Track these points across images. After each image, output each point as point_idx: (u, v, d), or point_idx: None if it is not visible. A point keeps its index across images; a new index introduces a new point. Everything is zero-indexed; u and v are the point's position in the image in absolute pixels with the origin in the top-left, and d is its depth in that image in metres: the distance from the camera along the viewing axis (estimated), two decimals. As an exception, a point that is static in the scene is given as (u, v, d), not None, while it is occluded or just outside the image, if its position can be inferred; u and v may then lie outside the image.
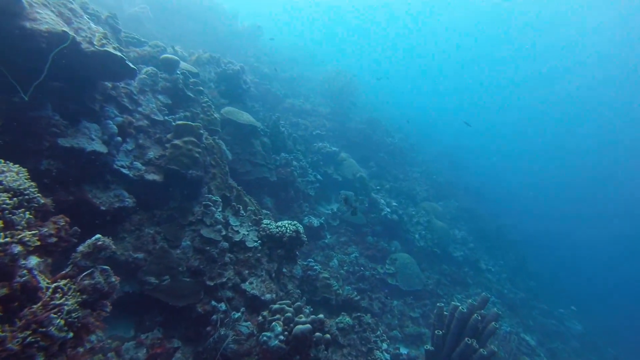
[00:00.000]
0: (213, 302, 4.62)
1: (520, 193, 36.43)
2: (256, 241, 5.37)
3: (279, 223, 5.65)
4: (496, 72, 59.70)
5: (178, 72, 6.15)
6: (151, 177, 4.85)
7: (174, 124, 5.24)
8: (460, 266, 12.84)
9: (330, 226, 10.97)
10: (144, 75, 5.53)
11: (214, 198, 5.14)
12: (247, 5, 30.23)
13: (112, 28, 5.91)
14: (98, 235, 2.56)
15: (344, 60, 29.46)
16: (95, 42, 3.75)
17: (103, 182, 4.50)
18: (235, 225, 5.36)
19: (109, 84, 4.91)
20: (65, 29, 3.43)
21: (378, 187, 13.63)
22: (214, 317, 4.48)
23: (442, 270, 11.97)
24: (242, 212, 5.54)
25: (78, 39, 3.55)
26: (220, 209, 5.28)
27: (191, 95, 6.31)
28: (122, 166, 4.75)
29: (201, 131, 5.21)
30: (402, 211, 12.67)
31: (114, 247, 2.61)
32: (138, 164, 4.92)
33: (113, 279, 2.52)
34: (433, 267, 11.88)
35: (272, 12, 40.19)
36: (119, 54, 3.88)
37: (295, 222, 5.80)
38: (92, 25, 4.05)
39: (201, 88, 6.70)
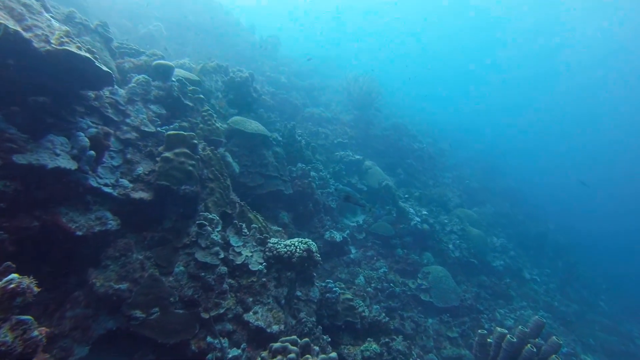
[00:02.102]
0: (209, 338, 3.95)
1: (563, 195, 33.96)
2: (261, 263, 4.69)
3: (288, 241, 4.95)
4: (527, 70, 57.20)
5: (173, 79, 5.65)
6: (138, 195, 4.29)
7: (165, 134, 4.68)
8: (501, 277, 11.68)
9: (356, 240, 10.18)
10: (134, 84, 5.04)
11: (210, 216, 4.51)
12: (263, 18, 30.27)
13: (102, 37, 5.51)
14: (12, 276, 1.94)
15: (365, 65, 28.73)
16: (52, 41, 3.23)
17: (83, 204, 3.97)
18: (237, 246, 4.71)
19: (92, 94, 4.44)
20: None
21: (406, 196, 12.72)
22: (210, 356, 3.81)
23: (481, 283, 10.88)
24: (245, 230, 4.89)
25: (26, 35, 3.03)
26: (219, 228, 4.66)
27: (189, 104, 5.79)
28: (106, 184, 4.22)
29: (195, 141, 4.62)
30: (433, 220, 11.72)
31: (35, 289, 1.98)
32: (125, 181, 4.38)
33: (35, 334, 1.89)
34: (470, 279, 10.81)
35: (288, 22, 40.25)
36: (84, 54, 3.34)
37: (308, 239, 5.09)
38: (55, 23, 3.56)
39: (201, 96, 6.18)
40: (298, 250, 4.79)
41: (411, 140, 17.31)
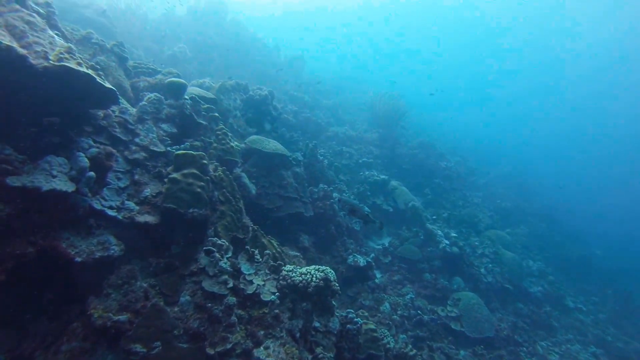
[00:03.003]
0: (214, 378, 3.59)
1: (608, 215, 31.47)
2: (274, 293, 4.31)
3: (304, 269, 4.57)
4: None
5: (186, 97, 5.48)
6: (143, 218, 4.04)
7: (174, 154, 4.46)
8: (540, 304, 10.76)
9: (381, 264, 9.67)
10: (145, 102, 4.89)
11: (219, 242, 4.21)
12: (287, 37, 30.65)
13: (117, 56, 5.45)
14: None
15: (391, 83, 28.31)
16: (51, 57, 3.07)
17: (86, 227, 3.76)
18: (249, 274, 4.36)
19: (101, 113, 4.29)
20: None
21: (434, 217, 12.12)
22: (214, 399, 3.44)
23: (518, 311, 10.05)
24: (258, 257, 4.55)
25: (21, 51, 2.87)
26: (229, 255, 4.34)
27: (203, 122, 5.60)
28: (111, 207, 4.01)
29: (204, 161, 4.38)
30: (463, 242, 11.03)
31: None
32: (131, 204, 4.15)
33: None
34: (506, 306, 10.01)
35: (307, 35, 40.81)
36: (84, 70, 3.17)
37: (325, 268, 4.68)
38: (59, 40, 3.43)
39: (216, 114, 6.00)
40: (314, 279, 4.40)
41: (439, 159, 16.73)
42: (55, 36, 3.50)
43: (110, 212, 3.88)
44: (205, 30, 16.94)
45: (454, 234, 11.17)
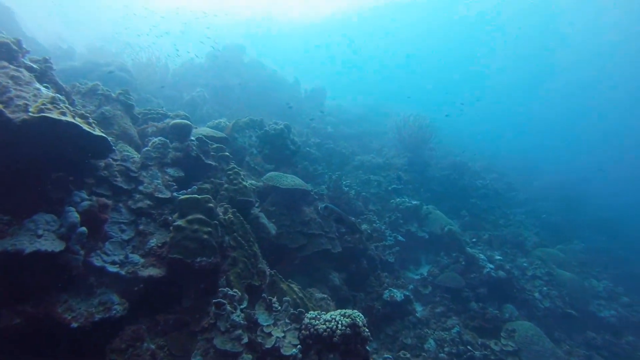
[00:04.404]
0: None
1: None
2: (296, 346, 3.81)
3: (328, 315, 4.06)
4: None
5: (192, 138, 5.28)
6: (147, 272, 3.72)
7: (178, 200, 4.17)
8: (618, 333, 9.17)
9: (421, 295, 8.93)
10: (149, 148, 4.71)
11: (230, 292, 3.80)
12: (306, 73, 31.07)
13: (123, 104, 5.39)
14: None
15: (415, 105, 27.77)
16: (31, 110, 2.88)
17: (86, 287, 3.46)
18: (267, 326, 3.90)
19: (102, 163, 4.10)
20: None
21: (474, 240, 11.28)
22: None
23: (590, 341, 8.73)
24: (276, 305, 4.09)
25: (-4, 107, 2.69)
26: (243, 305, 3.92)
27: (212, 163, 5.36)
28: (113, 262, 3.71)
29: (210, 205, 4.05)
30: (509, 265, 10.10)
31: None
32: (135, 257, 3.85)
33: None
34: (573, 336, 8.81)
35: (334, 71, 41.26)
36: (67, 119, 2.96)
37: (353, 312, 4.15)
38: (44, 92, 3.27)
39: (226, 154, 5.76)
40: (340, 326, 3.87)
41: (473, 177, 15.91)
42: (43, 88, 3.36)
43: (111, 269, 3.58)
44: (224, 73, 17.34)
45: (499, 257, 10.28)
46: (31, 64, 4.03)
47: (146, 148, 4.73)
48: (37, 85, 3.35)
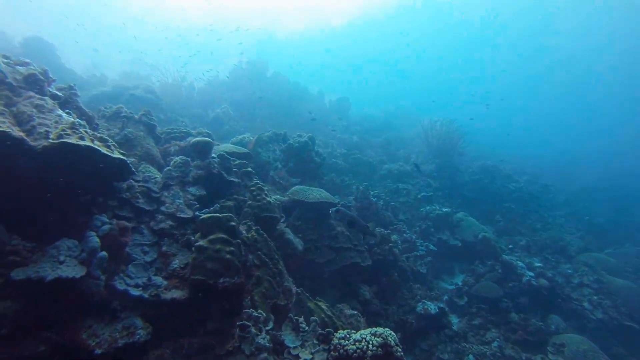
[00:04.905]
0: None
1: None
2: (325, 368, 3.64)
3: (359, 335, 3.86)
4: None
5: (214, 155, 5.26)
6: (170, 295, 3.66)
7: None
8: None
9: (456, 306, 8.54)
10: (170, 167, 4.71)
11: (255, 314, 3.68)
12: (330, 84, 31.10)
13: (145, 125, 5.48)
14: None
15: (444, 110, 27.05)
16: (51, 136, 2.90)
17: (109, 312, 3.44)
18: (294, 347, 3.75)
19: (124, 185, 4.12)
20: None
21: (510, 246, 10.73)
22: None
23: (658, 357, 7.97)
24: (303, 325, 3.94)
25: (16, 134, 2.72)
26: (269, 326, 3.79)
27: (235, 180, 5.30)
28: (136, 285, 3.68)
29: (232, 223, 3.96)
30: (552, 272, 9.49)
31: None
32: (158, 279, 3.81)
33: None
34: (635, 352, 8.03)
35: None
36: (85, 143, 2.97)
37: (384, 330, 3.93)
38: (66, 118, 3.32)
39: (249, 169, 5.71)
40: (371, 346, 3.66)
41: (505, 181, 15.28)
42: (64, 115, 3.41)
43: (134, 292, 3.54)
44: (248, 88, 17.59)
45: (538, 263, 9.70)
46: (56, 92, 4.12)
47: (167, 167, 4.74)
48: (59, 112, 3.40)
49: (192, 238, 4.19)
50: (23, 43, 14.04)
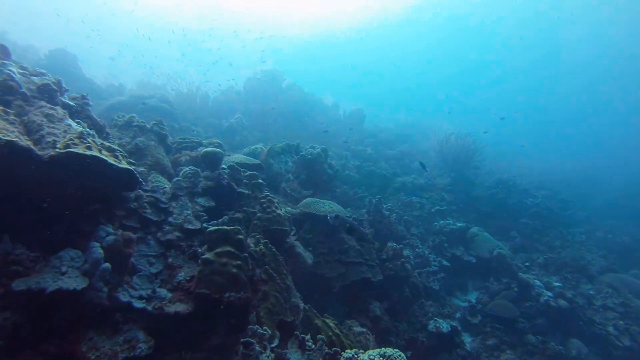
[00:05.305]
0: None
1: None
2: (330, 390, 3.50)
3: (366, 356, 3.70)
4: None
5: (224, 166, 5.21)
6: (173, 308, 3.57)
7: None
8: None
9: (469, 325, 8.24)
10: (179, 178, 4.68)
11: (259, 331, 3.56)
12: (346, 96, 31.14)
13: (157, 135, 5.50)
14: None
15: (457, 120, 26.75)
16: (58, 145, 2.88)
17: (111, 324, 3.37)
18: (299, 366, 3.62)
19: (132, 195, 4.09)
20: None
21: (527, 264, 10.40)
22: None
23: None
24: (310, 343, 3.81)
25: (23, 144, 2.70)
26: (274, 344, 3.67)
27: (245, 191, 5.24)
28: (141, 297, 3.61)
29: (240, 236, 3.89)
30: (572, 292, 9.11)
31: None
32: (163, 292, 3.74)
33: None
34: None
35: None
36: (92, 153, 2.95)
37: (394, 351, 3.75)
38: (75, 127, 3.30)
39: (260, 181, 5.64)
40: (378, 369, 3.51)
41: (522, 196, 14.88)
42: (74, 124, 3.41)
43: (138, 304, 3.47)
44: (262, 98, 17.69)
45: (557, 283, 9.35)
46: (68, 102, 4.16)
47: (177, 178, 4.71)
48: (69, 121, 3.40)
49: (199, 250, 4.13)
50: (48, 55, 14.68)
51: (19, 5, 40.63)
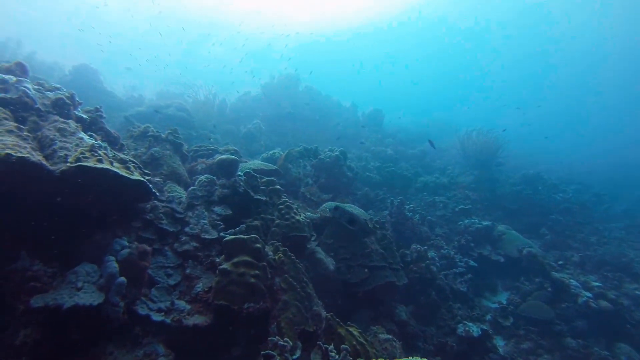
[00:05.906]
0: None
1: None
2: (356, 403, 3.33)
3: (392, 365, 3.54)
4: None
5: (240, 173, 5.12)
6: (192, 321, 3.49)
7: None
8: None
9: (501, 328, 7.88)
10: (195, 187, 4.62)
11: (280, 342, 3.43)
12: (364, 97, 30.89)
13: (172, 144, 5.50)
14: None
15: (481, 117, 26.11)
16: (70, 159, 2.84)
17: (131, 338, 3.31)
18: (323, 379, 3.47)
19: (148, 206, 4.04)
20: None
21: (560, 262, 9.90)
22: None
23: None
24: (333, 354, 3.65)
25: (34, 159, 2.67)
26: (297, 355, 3.53)
27: (262, 198, 5.13)
28: (159, 309, 3.54)
29: (257, 245, 3.78)
30: (614, 293, 8.54)
31: None
32: (181, 303, 3.66)
33: None
34: None
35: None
36: (102, 166, 2.90)
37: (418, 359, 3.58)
38: (86, 141, 3.26)
39: (277, 187, 5.53)
40: (406, 380, 3.33)
41: (551, 191, 14.31)
42: (86, 137, 3.39)
43: (156, 317, 3.40)
44: (280, 102, 17.68)
45: (596, 283, 8.81)
46: (82, 115, 4.16)
47: (192, 187, 4.66)
48: (81, 134, 3.38)
49: (217, 260, 4.04)
50: (72, 71, 15.13)
51: (45, 30, 42.39)
